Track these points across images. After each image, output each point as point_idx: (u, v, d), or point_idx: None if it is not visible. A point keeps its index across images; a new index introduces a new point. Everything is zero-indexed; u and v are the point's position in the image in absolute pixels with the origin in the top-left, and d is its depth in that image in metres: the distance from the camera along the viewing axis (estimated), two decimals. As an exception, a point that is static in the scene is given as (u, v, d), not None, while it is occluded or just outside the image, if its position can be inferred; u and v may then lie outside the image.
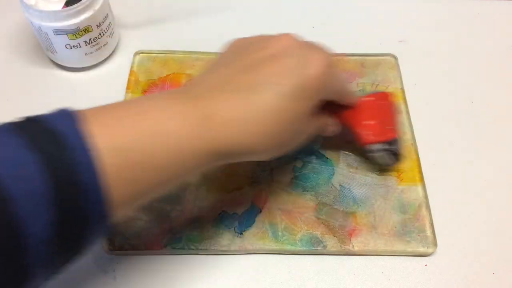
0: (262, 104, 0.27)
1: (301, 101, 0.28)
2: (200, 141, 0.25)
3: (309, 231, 0.35)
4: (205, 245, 0.34)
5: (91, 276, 0.34)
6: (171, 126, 0.25)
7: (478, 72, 0.45)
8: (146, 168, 0.24)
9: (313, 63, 0.28)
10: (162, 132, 0.24)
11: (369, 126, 0.35)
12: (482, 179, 0.38)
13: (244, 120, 0.26)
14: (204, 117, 0.26)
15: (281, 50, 0.28)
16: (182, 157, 0.25)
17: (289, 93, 0.27)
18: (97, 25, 0.41)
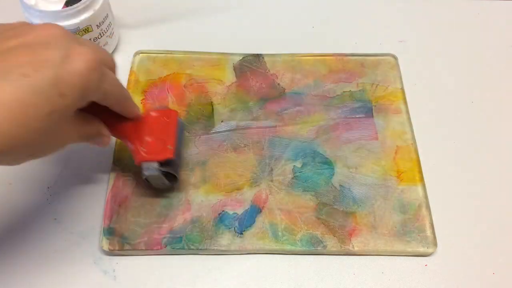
0: (4, 97, 0.23)
1: (54, 98, 0.24)
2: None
3: (309, 231, 0.35)
4: (205, 245, 0.34)
5: (91, 276, 0.34)
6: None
7: (478, 72, 0.45)
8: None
9: (79, 58, 0.25)
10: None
11: (147, 143, 0.33)
12: (482, 179, 0.38)
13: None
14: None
15: (43, 39, 0.25)
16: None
17: (39, 88, 0.23)
18: (97, 25, 0.41)
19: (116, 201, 0.36)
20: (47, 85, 0.24)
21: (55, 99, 0.24)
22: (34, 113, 0.24)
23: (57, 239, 0.35)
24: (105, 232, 0.35)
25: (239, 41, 0.46)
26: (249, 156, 0.38)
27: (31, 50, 0.24)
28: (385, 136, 0.40)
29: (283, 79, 0.43)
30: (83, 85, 0.25)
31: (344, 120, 0.41)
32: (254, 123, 0.40)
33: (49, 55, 0.24)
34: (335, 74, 0.43)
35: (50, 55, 0.24)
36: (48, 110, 0.24)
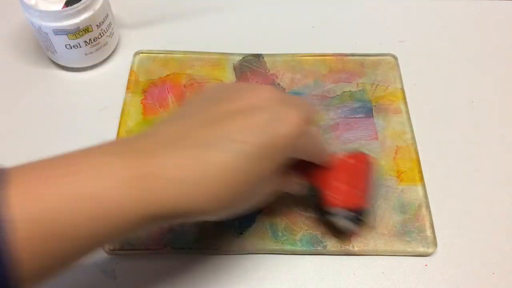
0: (217, 163, 0.23)
1: (264, 162, 0.25)
2: (135, 204, 0.22)
3: (309, 231, 0.35)
4: (205, 245, 0.34)
5: (91, 276, 0.34)
6: (101, 189, 0.21)
7: (478, 72, 0.45)
8: (66, 240, 0.21)
9: (287, 121, 0.25)
10: (89, 197, 0.21)
11: (339, 189, 0.32)
12: (482, 179, 0.38)
13: (193, 180, 0.23)
14: (144, 178, 0.22)
15: (255, 103, 0.25)
16: (110, 224, 0.22)
17: (252, 154, 0.24)
18: (97, 25, 0.41)
19: (116, 201, 0.36)
20: (259, 152, 0.24)
21: (264, 164, 0.25)
22: (245, 179, 0.24)
23: (57, 239, 0.35)
24: (105, 232, 0.35)
25: (239, 41, 0.46)
26: (249, 156, 0.38)
27: (244, 115, 0.25)
28: (385, 136, 0.40)
29: (283, 79, 0.43)
30: (290, 147, 0.26)
31: (344, 120, 0.41)
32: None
33: (261, 119, 0.25)
34: (335, 74, 0.43)
35: (261, 119, 0.25)
36: (257, 175, 0.25)
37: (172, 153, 0.23)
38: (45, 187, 0.21)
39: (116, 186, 0.22)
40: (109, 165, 0.22)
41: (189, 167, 0.23)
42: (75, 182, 0.21)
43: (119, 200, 0.22)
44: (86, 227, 0.21)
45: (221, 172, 0.23)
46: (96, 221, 0.21)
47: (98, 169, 0.22)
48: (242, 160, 0.24)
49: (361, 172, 0.33)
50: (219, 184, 0.23)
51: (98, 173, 0.22)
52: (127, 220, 0.22)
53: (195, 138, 0.24)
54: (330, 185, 0.32)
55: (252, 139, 0.24)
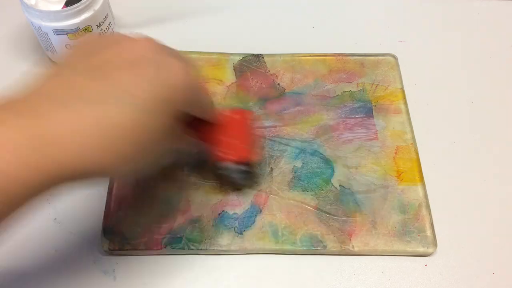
0: (111, 119, 0.23)
1: (157, 114, 0.25)
2: (34, 173, 0.21)
3: (309, 231, 0.35)
4: (205, 245, 0.34)
5: (91, 276, 0.34)
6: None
7: (478, 72, 0.45)
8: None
9: (176, 72, 0.25)
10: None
11: (228, 144, 0.33)
12: (482, 179, 0.38)
13: (90, 138, 0.23)
14: (38, 139, 0.22)
15: (139, 55, 0.25)
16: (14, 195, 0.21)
17: (145, 107, 0.24)
18: (97, 25, 0.41)
19: (116, 201, 0.36)
20: (151, 104, 0.24)
21: (158, 118, 0.25)
22: (141, 133, 0.24)
23: (57, 239, 0.35)
24: (105, 232, 0.35)
25: (239, 41, 0.46)
26: (249, 156, 0.38)
27: (131, 68, 0.24)
28: (385, 136, 0.40)
29: (283, 79, 0.43)
30: (182, 100, 0.26)
31: (344, 120, 0.41)
32: (254, 123, 0.40)
33: (150, 72, 0.25)
34: (335, 74, 0.43)
35: (150, 72, 0.25)
36: (152, 129, 0.25)
37: (64, 109, 0.23)
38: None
39: (11, 156, 0.21)
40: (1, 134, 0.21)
41: (83, 126, 0.23)
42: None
43: (17, 171, 0.21)
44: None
45: (116, 128, 0.23)
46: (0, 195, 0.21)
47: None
48: (136, 114, 0.24)
49: (246, 127, 0.35)
50: (116, 140, 0.23)
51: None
52: (31, 187, 0.22)
53: (85, 93, 0.23)
54: (220, 141, 0.33)
55: (144, 92, 0.24)
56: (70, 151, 0.22)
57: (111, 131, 0.23)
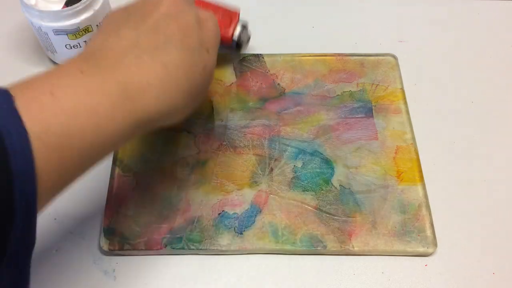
0: (173, 61, 0.27)
1: (204, 54, 0.30)
2: (122, 114, 0.25)
3: (309, 231, 0.35)
4: (205, 245, 0.34)
5: (91, 276, 0.34)
6: (89, 104, 0.24)
7: (478, 72, 0.45)
8: (70, 150, 0.23)
9: (208, 18, 0.31)
10: (80, 112, 0.23)
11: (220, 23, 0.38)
12: (482, 179, 0.38)
13: (161, 81, 0.27)
14: (121, 88, 0.25)
15: (174, 8, 0.29)
16: (105, 134, 0.24)
17: (194, 47, 0.29)
18: (97, 25, 0.41)
19: (116, 201, 0.36)
20: (198, 45, 0.29)
21: (205, 56, 0.30)
22: (196, 68, 0.29)
23: (57, 239, 0.35)
24: (105, 232, 0.35)
25: (239, 41, 0.46)
26: (249, 156, 0.38)
27: (173, 19, 0.29)
28: (385, 136, 0.40)
29: (283, 79, 0.43)
30: (218, 41, 0.32)
31: (344, 120, 0.41)
32: (254, 123, 0.40)
33: (188, 21, 0.29)
34: (335, 74, 0.43)
35: (189, 21, 0.29)
36: (202, 64, 0.29)
37: (133, 61, 0.26)
38: (46, 102, 0.22)
39: (102, 100, 0.24)
40: (89, 82, 0.24)
41: (151, 71, 0.26)
42: (70, 98, 0.23)
43: (109, 112, 0.24)
44: (88, 138, 0.23)
45: (177, 68, 0.27)
46: (95, 132, 0.24)
47: (83, 85, 0.24)
48: (189, 53, 0.28)
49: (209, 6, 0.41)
50: (179, 79, 0.28)
51: (84, 89, 0.24)
52: (120, 128, 0.25)
53: (146, 45, 0.27)
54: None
55: (191, 35, 0.29)
56: (149, 96, 0.26)
57: (173, 70, 0.27)
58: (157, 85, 0.26)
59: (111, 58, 0.26)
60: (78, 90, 0.24)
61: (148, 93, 0.26)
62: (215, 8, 0.41)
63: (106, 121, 0.24)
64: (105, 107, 0.24)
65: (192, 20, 0.29)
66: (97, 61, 0.26)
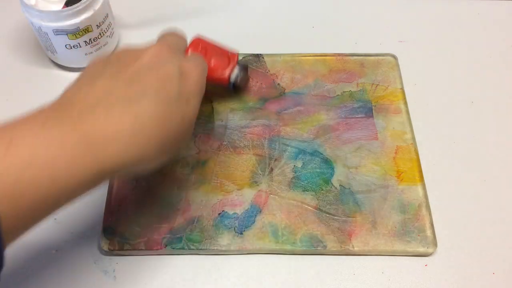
0: (144, 112, 0.26)
1: (185, 105, 0.29)
2: (83, 165, 0.24)
3: (309, 231, 0.35)
4: (205, 245, 0.34)
5: (91, 276, 0.34)
6: (46, 155, 0.23)
7: (478, 72, 0.45)
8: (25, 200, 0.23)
9: (191, 68, 0.30)
10: (36, 163, 0.23)
11: (215, 66, 0.39)
12: (482, 179, 0.38)
13: (130, 132, 0.26)
14: (84, 140, 0.25)
15: (155, 59, 0.29)
16: (63, 184, 0.24)
17: (172, 99, 0.28)
18: (97, 25, 0.41)
19: (116, 201, 0.36)
20: (176, 97, 0.28)
21: (183, 107, 0.29)
22: (171, 120, 0.28)
23: (57, 239, 0.35)
24: (105, 232, 0.35)
25: (239, 41, 0.46)
26: (249, 156, 0.38)
27: (154, 70, 0.28)
28: (385, 136, 0.40)
29: (283, 79, 0.43)
30: (201, 91, 0.31)
31: (344, 120, 0.41)
32: (254, 123, 0.40)
33: (170, 70, 0.29)
34: (335, 74, 0.43)
35: (170, 70, 0.29)
36: (180, 115, 0.29)
37: (103, 112, 0.26)
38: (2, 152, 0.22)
39: (60, 152, 0.24)
40: (49, 131, 0.24)
41: (121, 122, 0.26)
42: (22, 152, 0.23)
43: (68, 163, 0.24)
44: (43, 189, 0.23)
45: (150, 120, 0.27)
46: (52, 183, 0.23)
47: (40, 137, 0.24)
48: (165, 106, 0.27)
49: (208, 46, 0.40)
50: (151, 130, 0.27)
51: (43, 141, 0.24)
52: (80, 179, 0.24)
53: (118, 96, 0.27)
54: (211, 70, 0.38)
55: (170, 87, 0.28)
56: (115, 148, 0.25)
57: (145, 122, 0.26)
58: (125, 136, 0.26)
59: (79, 109, 0.26)
60: (36, 141, 0.23)
61: (114, 143, 0.25)
62: (213, 48, 0.40)
63: (64, 173, 0.24)
64: (63, 159, 0.24)
65: (173, 71, 0.29)
66: (64, 112, 0.26)
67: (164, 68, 0.29)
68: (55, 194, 0.24)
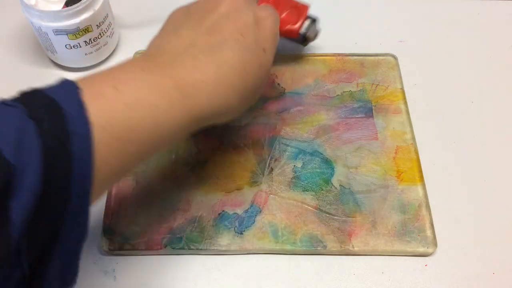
0: (229, 60, 0.28)
1: (261, 54, 0.30)
2: (178, 110, 0.26)
3: (309, 231, 0.35)
4: (205, 245, 0.34)
5: (91, 276, 0.34)
6: (149, 99, 0.25)
7: (478, 72, 0.45)
8: (130, 143, 0.24)
9: (266, 17, 0.31)
10: (141, 106, 0.24)
11: (286, 18, 0.40)
12: (482, 179, 0.38)
13: (216, 81, 0.27)
14: (178, 85, 0.26)
15: (232, 8, 0.30)
16: (162, 128, 0.25)
17: (250, 47, 0.29)
18: (97, 25, 0.41)
19: (116, 201, 0.36)
20: (254, 45, 0.29)
21: (261, 55, 0.30)
22: (251, 68, 0.29)
23: (57, 239, 0.35)
24: (105, 232, 0.35)
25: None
26: (249, 156, 0.38)
27: (231, 18, 0.29)
28: (385, 136, 0.40)
29: (283, 79, 0.43)
30: (276, 39, 0.32)
31: (344, 120, 0.41)
32: (254, 123, 0.40)
33: (247, 19, 0.30)
34: (335, 74, 0.43)
35: (247, 19, 0.30)
36: (258, 64, 0.30)
37: (189, 60, 0.27)
38: (110, 96, 0.24)
39: (161, 96, 0.25)
40: (148, 78, 0.26)
41: (207, 70, 0.27)
42: (127, 94, 0.24)
43: (165, 108, 0.25)
44: (143, 132, 0.24)
45: (232, 67, 0.28)
46: (151, 126, 0.25)
47: (144, 81, 0.25)
48: (245, 53, 0.29)
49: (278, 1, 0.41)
50: (234, 78, 0.28)
51: (143, 86, 0.25)
52: (177, 123, 0.26)
53: (202, 45, 0.28)
54: (283, 22, 0.39)
55: (247, 36, 0.29)
56: (203, 94, 0.27)
57: (229, 70, 0.28)
58: (211, 84, 0.27)
59: (169, 58, 0.27)
60: (140, 85, 0.25)
61: (202, 91, 0.27)
62: (285, 1, 0.41)
63: (164, 116, 0.25)
64: (163, 103, 0.25)
65: (250, 20, 0.30)
66: (156, 60, 0.27)
67: (241, 17, 0.30)
68: (157, 137, 0.25)
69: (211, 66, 0.27)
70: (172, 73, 0.26)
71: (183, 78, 0.26)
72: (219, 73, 0.27)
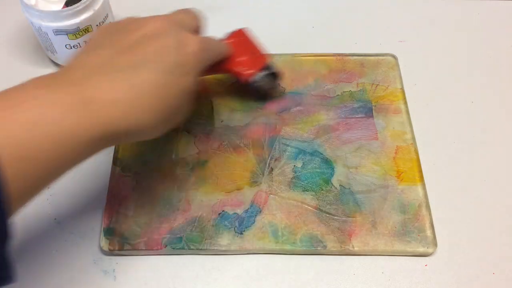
0: (142, 81, 0.27)
1: (182, 76, 0.29)
2: (84, 128, 0.25)
3: (309, 231, 0.35)
4: (205, 245, 0.34)
5: (91, 276, 0.34)
6: (52, 116, 0.24)
7: (478, 72, 0.45)
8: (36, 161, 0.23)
9: (190, 41, 0.30)
10: (43, 124, 0.24)
11: (243, 62, 0.38)
12: (482, 179, 0.38)
13: (128, 100, 0.27)
14: (85, 102, 0.25)
15: (156, 30, 0.30)
16: (68, 146, 0.25)
17: (169, 69, 0.29)
18: (97, 25, 0.41)
19: (116, 201, 0.36)
20: (174, 67, 0.29)
21: (183, 78, 0.29)
22: (170, 90, 0.29)
23: (57, 239, 0.35)
24: (105, 232, 0.35)
25: (239, 41, 0.46)
26: (249, 156, 0.38)
27: (153, 40, 0.29)
28: (385, 136, 0.40)
29: (283, 79, 0.43)
30: (199, 62, 0.31)
31: (344, 120, 0.41)
32: (254, 123, 0.40)
33: (169, 42, 0.29)
34: (335, 74, 0.43)
35: (169, 42, 0.29)
36: (179, 86, 0.29)
37: (102, 78, 0.27)
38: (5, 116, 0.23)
39: (63, 112, 0.24)
40: (50, 95, 0.25)
41: (120, 88, 0.27)
42: (28, 112, 0.24)
43: (69, 126, 0.24)
44: (50, 150, 0.24)
45: (147, 88, 0.27)
46: (55, 144, 0.24)
47: (43, 100, 0.24)
48: (162, 75, 0.28)
49: (247, 42, 0.40)
50: (149, 99, 0.28)
51: (45, 102, 0.24)
52: (82, 141, 0.25)
53: (118, 64, 0.28)
54: (237, 64, 0.38)
55: (167, 57, 0.29)
56: (113, 112, 0.26)
57: (143, 91, 0.27)
58: (125, 102, 0.27)
59: (83, 74, 0.27)
60: (40, 103, 0.24)
61: (114, 109, 0.26)
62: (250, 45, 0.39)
63: (68, 134, 0.24)
64: (66, 120, 0.24)
65: (171, 42, 0.29)
66: (69, 76, 0.27)
67: (163, 39, 0.29)
68: (60, 156, 0.24)
69: (126, 85, 0.27)
70: (81, 90, 0.26)
71: (93, 95, 0.26)
72: (132, 92, 0.27)
